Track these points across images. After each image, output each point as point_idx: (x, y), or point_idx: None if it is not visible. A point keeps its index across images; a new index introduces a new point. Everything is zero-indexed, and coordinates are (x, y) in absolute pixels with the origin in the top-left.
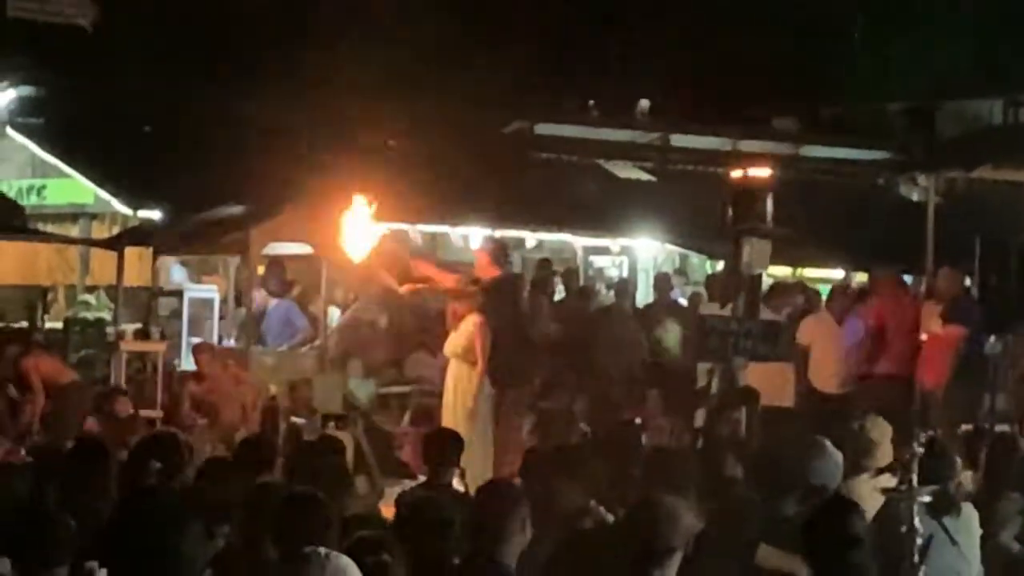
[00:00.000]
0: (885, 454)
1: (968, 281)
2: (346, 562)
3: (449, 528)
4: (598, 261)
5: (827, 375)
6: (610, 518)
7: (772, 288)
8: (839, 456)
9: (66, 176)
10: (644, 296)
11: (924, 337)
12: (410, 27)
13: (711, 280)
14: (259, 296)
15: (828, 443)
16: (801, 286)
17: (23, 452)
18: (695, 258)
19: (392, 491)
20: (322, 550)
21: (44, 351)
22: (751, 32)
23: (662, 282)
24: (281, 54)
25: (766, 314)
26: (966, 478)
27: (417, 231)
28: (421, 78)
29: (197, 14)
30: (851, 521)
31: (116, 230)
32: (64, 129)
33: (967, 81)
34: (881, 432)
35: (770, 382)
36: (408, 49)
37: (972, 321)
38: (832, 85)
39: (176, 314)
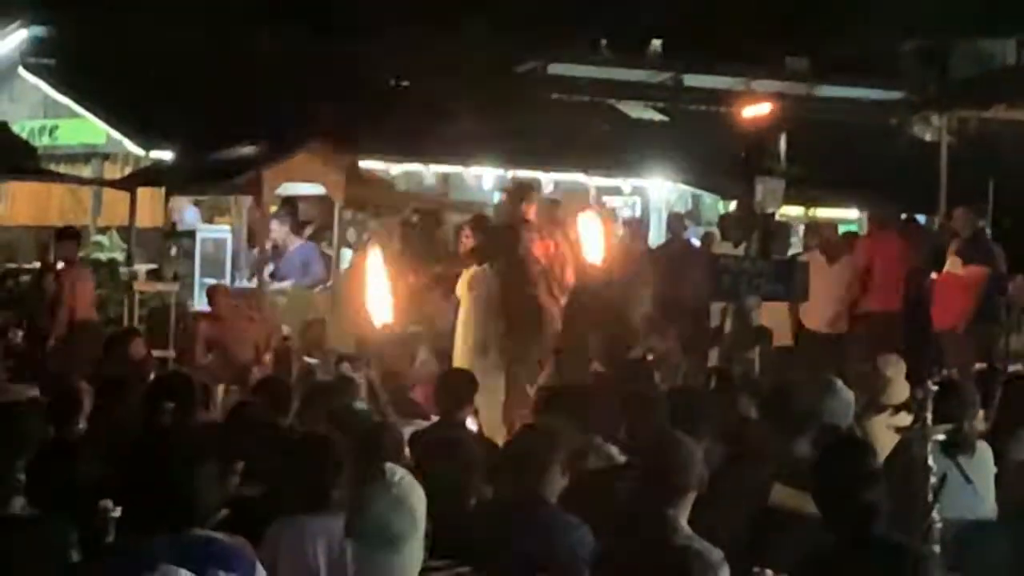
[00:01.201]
0: (900, 391)
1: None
2: (416, 487)
3: (468, 468)
4: (611, 201)
5: (814, 314)
6: (620, 457)
7: None
8: (850, 394)
9: (78, 116)
10: (657, 236)
11: (933, 276)
12: None
13: (724, 220)
14: (281, 231)
15: (838, 381)
16: (815, 226)
17: (38, 392)
18: (708, 198)
19: (406, 431)
20: (398, 471)
21: (87, 276)
22: None
23: (675, 222)
24: None
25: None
26: (979, 417)
27: (431, 171)
28: (433, 17)
29: None
30: (860, 459)
31: (128, 170)
32: (76, 69)
33: (980, 20)
34: (896, 369)
35: (776, 321)
36: None
37: (993, 261)
38: (845, 24)
39: (189, 254)
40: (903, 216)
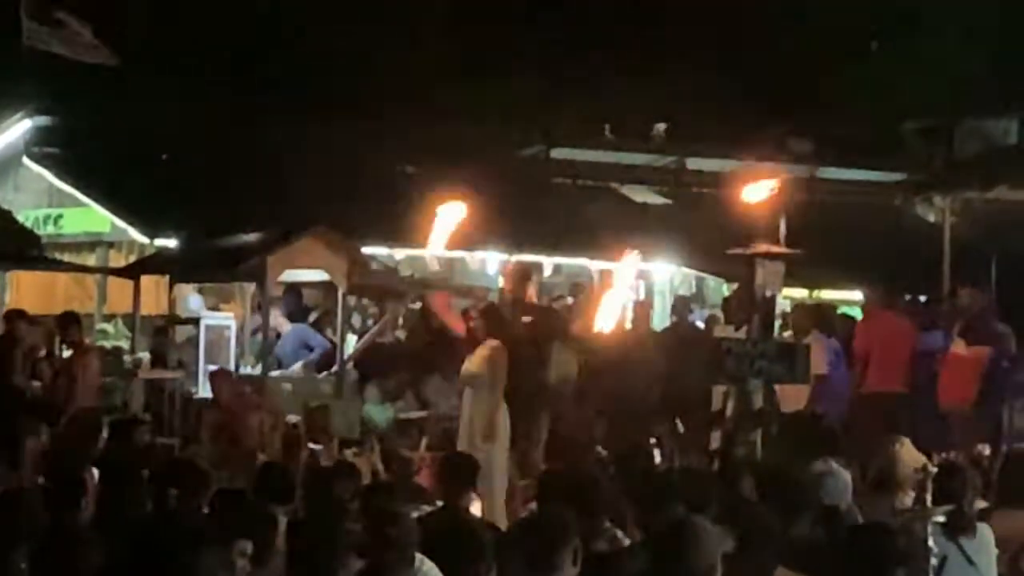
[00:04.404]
0: (905, 472)
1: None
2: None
3: (474, 555)
4: None
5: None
6: (625, 540)
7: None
8: (847, 475)
9: (82, 205)
10: (661, 319)
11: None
12: (426, 52)
13: (726, 302)
14: (277, 319)
15: (834, 463)
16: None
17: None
18: (711, 281)
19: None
20: (425, 560)
21: (100, 359)
22: (766, 53)
23: (681, 305)
24: (297, 80)
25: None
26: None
27: (433, 256)
28: (437, 102)
29: (214, 42)
30: (887, 545)
31: (133, 258)
32: (80, 158)
33: (983, 100)
34: (901, 451)
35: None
36: (424, 74)
37: (998, 340)
38: (846, 105)
39: (193, 342)
40: (906, 296)
